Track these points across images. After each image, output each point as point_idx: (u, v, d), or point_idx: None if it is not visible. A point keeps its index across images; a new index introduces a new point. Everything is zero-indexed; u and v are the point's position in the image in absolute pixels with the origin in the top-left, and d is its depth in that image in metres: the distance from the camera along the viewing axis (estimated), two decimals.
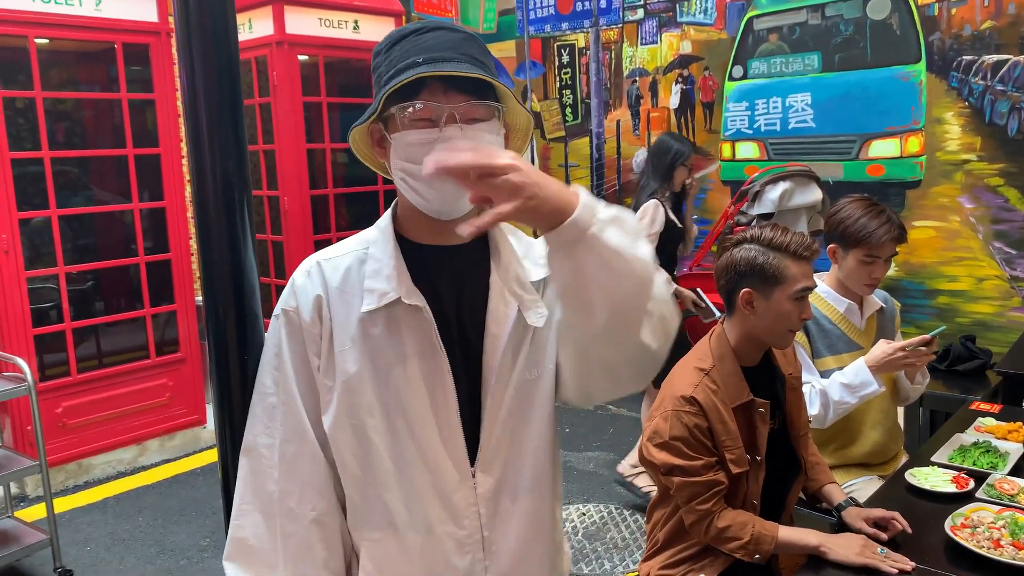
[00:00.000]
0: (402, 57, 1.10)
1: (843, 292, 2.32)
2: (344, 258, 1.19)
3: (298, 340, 1.16)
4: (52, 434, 3.89)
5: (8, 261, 3.74)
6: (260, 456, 1.18)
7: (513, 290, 1.19)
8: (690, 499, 1.73)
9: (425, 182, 1.09)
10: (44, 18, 3.76)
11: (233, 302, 1.25)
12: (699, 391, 1.75)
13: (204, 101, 1.23)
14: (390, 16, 5.26)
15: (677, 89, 5.52)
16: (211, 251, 1.26)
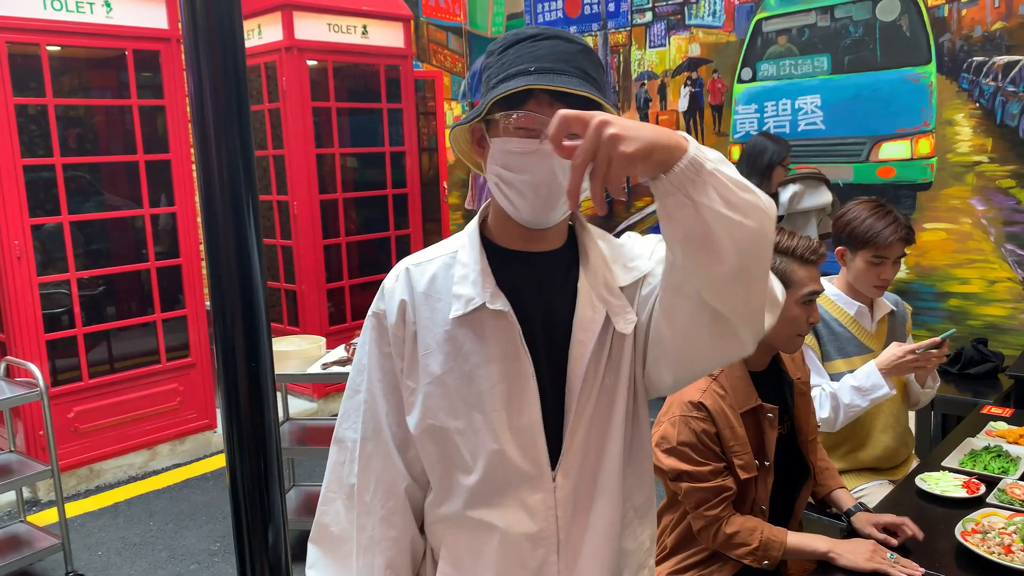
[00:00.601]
0: (514, 62, 1.09)
1: (853, 295, 2.31)
2: (432, 263, 1.21)
3: (384, 342, 1.21)
4: (64, 439, 3.91)
5: (21, 267, 3.77)
6: (345, 448, 1.26)
7: (602, 296, 1.18)
8: (698, 505, 1.73)
9: (518, 190, 1.10)
10: (56, 26, 3.79)
11: (240, 308, 1.25)
12: (707, 396, 1.75)
13: (211, 107, 1.23)
14: (398, 21, 5.27)
15: (686, 92, 5.51)
16: (218, 256, 1.26)
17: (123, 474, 4.21)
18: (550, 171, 1.08)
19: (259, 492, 1.31)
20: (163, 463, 4.35)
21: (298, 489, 3.61)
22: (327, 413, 4.98)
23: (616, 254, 1.23)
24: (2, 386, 3.20)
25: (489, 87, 1.12)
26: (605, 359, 1.18)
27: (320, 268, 5.05)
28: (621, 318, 1.17)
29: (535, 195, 1.09)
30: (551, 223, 1.15)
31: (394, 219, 5.44)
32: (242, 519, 1.30)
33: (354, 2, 5.06)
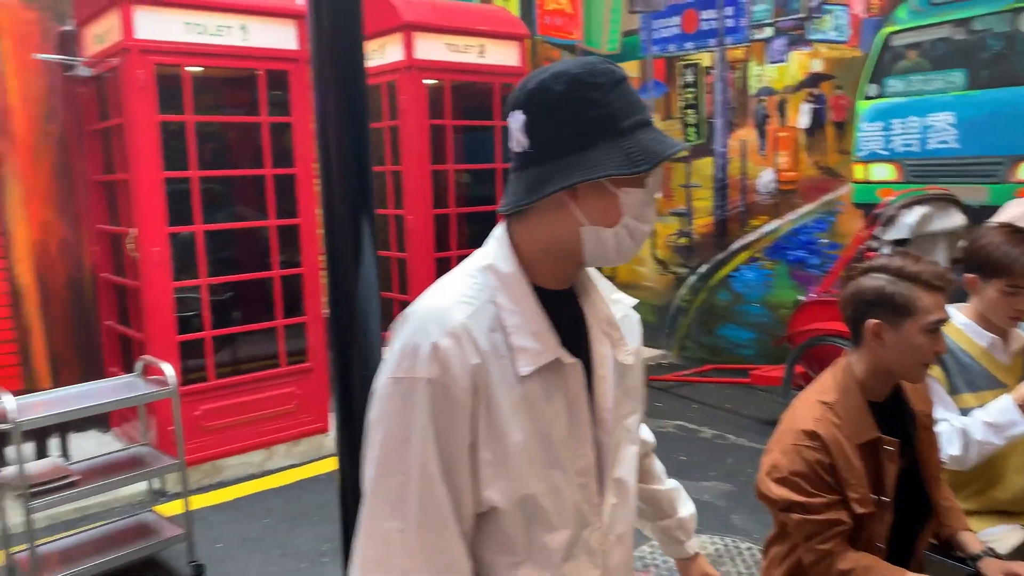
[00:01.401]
0: (631, 108, 1.05)
1: (985, 325, 2.17)
2: (480, 316, 1.06)
3: (445, 412, 1.02)
4: (191, 435, 4.16)
5: (160, 272, 4.04)
6: (388, 542, 1.04)
7: (605, 330, 1.18)
8: (809, 537, 1.66)
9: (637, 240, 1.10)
10: (197, 48, 4.06)
11: (355, 318, 1.30)
12: (821, 425, 1.68)
13: (333, 124, 1.29)
14: (515, 40, 5.36)
15: (807, 108, 5.35)
16: (337, 268, 1.32)
17: (242, 471, 4.43)
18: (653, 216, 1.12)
19: None
20: (279, 463, 4.54)
21: None
22: None
23: (603, 287, 1.24)
24: (139, 383, 3.44)
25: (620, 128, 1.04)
26: (621, 392, 1.19)
27: (432, 280, 5.14)
28: (622, 351, 1.19)
29: (642, 240, 1.11)
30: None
31: None
32: (351, 523, 1.35)
33: (472, 22, 5.18)
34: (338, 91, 1.21)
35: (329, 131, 1.24)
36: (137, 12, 3.88)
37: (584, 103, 1.04)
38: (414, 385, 1.02)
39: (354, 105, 1.24)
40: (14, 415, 2.87)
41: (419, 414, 1.02)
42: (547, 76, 1.06)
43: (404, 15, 4.83)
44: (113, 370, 4.75)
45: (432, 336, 1.03)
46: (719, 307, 5.95)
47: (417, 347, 1.03)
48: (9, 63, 4.46)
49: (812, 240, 5.39)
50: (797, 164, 5.43)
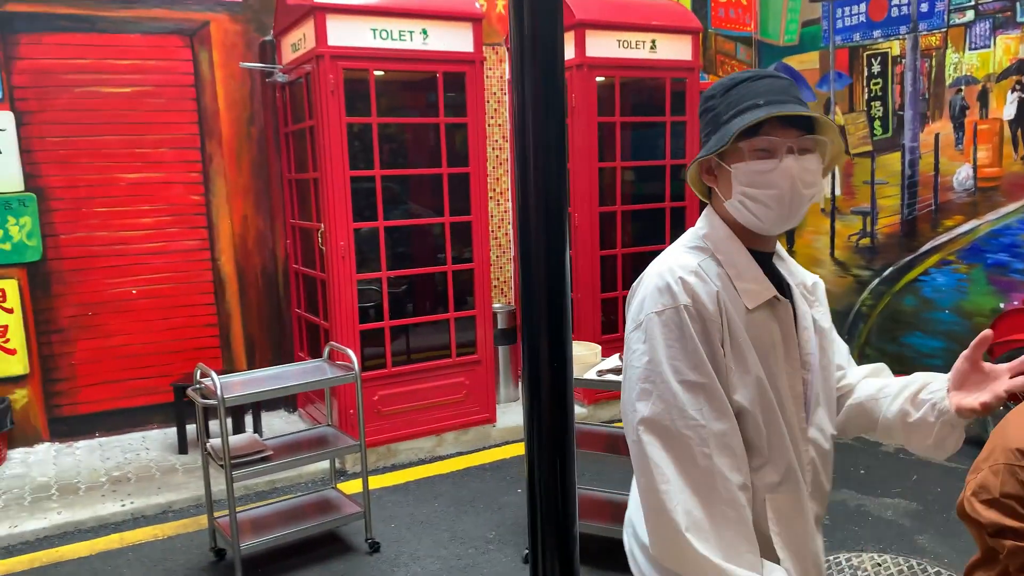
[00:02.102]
0: (740, 100, 1.31)
1: None
2: (708, 264, 1.37)
3: (702, 329, 1.30)
4: (368, 419, 4.40)
5: (344, 265, 4.31)
6: (682, 436, 1.27)
7: (803, 292, 1.46)
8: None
9: (764, 204, 1.32)
10: (382, 53, 4.29)
11: (548, 314, 1.33)
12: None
13: (532, 118, 1.31)
14: (688, 34, 5.25)
15: (1014, 98, 4.87)
16: (529, 265, 1.34)
17: (414, 456, 4.64)
18: (792, 183, 1.30)
19: (556, 489, 1.38)
20: (448, 450, 4.72)
21: None
22: (595, 419, 5.08)
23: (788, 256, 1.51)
24: (325, 367, 3.68)
25: (721, 122, 1.33)
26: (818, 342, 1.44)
27: (596, 278, 5.18)
28: (817, 309, 1.47)
29: (780, 206, 1.31)
30: (786, 229, 1.38)
31: (671, 231, 5.41)
32: (537, 514, 1.38)
33: (644, 17, 5.13)
34: (536, 87, 1.23)
35: (527, 126, 1.25)
36: (329, 21, 4.15)
37: (705, 111, 1.39)
38: (676, 312, 1.30)
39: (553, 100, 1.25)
40: (219, 392, 3.15)
41: (686, 330, 1.30)
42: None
43: (577, 13, 4.85)
44: (300, 355, 5.12)
45: (679, 274, 1.33)
46: (905, 313, 5.55)
47: (668, 285, 1.32)
48: (218, 71, 4.91)
49: (1017, 242, 4.90)
50: (1000, 159, 4.96)
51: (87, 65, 4.66)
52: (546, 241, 1.35)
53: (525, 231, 1.37)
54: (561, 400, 1.37)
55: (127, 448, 4.77)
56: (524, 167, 1.33)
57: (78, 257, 4.76)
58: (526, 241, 1.37)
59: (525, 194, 1.35)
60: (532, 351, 1.37)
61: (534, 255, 1.35)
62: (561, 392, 1.37)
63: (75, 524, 3.84)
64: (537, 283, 1.37)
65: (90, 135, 4.70)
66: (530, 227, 1.35)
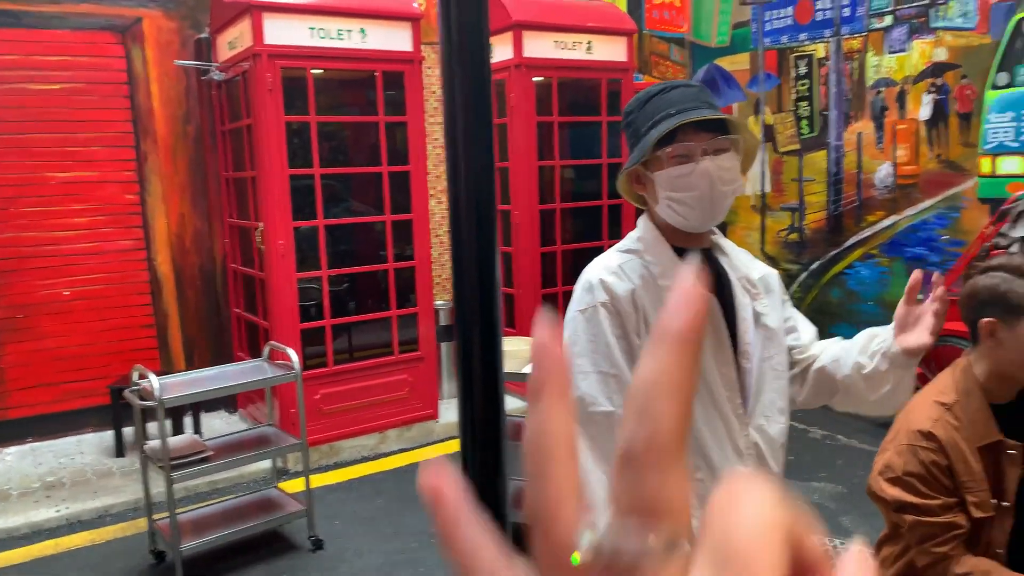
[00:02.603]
0: (655, 111, 1.41)
1: None
2: (632, 263, 1.48)
3: (619, 325, 1.43)
4: (310, 417, 4.39)
5: (284, 263, 4.30)
6: (595, 422, 1.41)
7: (745, 287, 1.51)
8: (924, 540, 1.65)
9: (688, 206, 1.42)
10: (320, 52, 4.29)
11: (479, 309, 1.39)
12: (938, 427, 1.66)
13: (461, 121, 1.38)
14: (622, 35, 5.37)
15: (929, 99, 5.12)
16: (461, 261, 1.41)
17: (357, 453, 4.66)
18: (710, 183, 1.39)
19: (488, 482, 1.45)
20: (391, 447, 4.75)
21: (510, 482, 3.80)
22: None
23: (743, 254, 1.58)
24: (265, 367, 3.68)
25: (640, 135, 1.43)
26: (759, 336, 1.50)
27: (536, 274, 5.26)
28: (759, 303, 1.51)
29: (702, 205, 1.41)
30: (713, 224, 1.47)
31: (608, 229, 5.54)
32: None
33: (580, 19, 5.23)
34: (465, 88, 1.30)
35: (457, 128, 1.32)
36: (266, 19, 4.13)
37: (627, 125, 1.48)
38: (595, 309, 1.43)
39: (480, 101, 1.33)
40: (158, 393, 3.14)
41: (603, 328, 1.42)
42: None
43: (514, 14, 4.93)
44: (240, 355, 5.08)
45: (600, 275, 1.46)
46: (831, 305, 5.79)
47: (591, 285, 1.46)
48: (152, 69, 4.83)
49: (933, 237, 5.17)
50: (917, 158, 5.22)
51: (14, 61, 4.54)
52: (476, 238, 1.42)
53: (456, 229, 1.44)
54: (493, 393, 1.45)
55: (61, 453, 4.67)
56: (455, 167, 1.40)
57: (8, 258, 4.63)
58: (457, 238, 1.44)
59: (456, 193, 1.42)
60: (464, 346, 1.44)
61: (465, 252, 1.43)
62: (493, 386, 1.44)
63: (7, 531, 3.76)
64: (468, 279, 1.44)
65: (18, 133, 4.58)
66: (461, 225, 1.43)
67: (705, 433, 1.44)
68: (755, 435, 1.48)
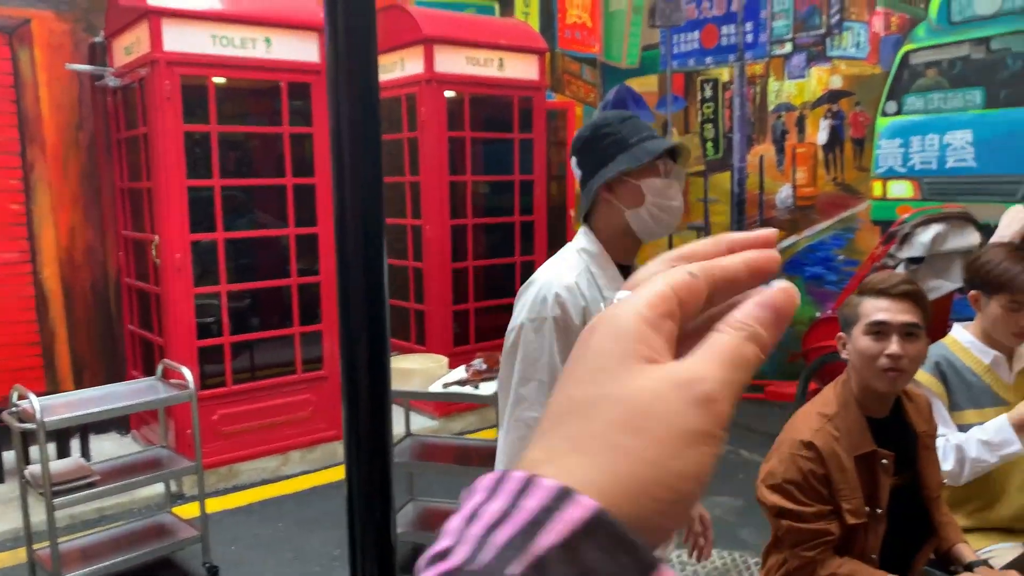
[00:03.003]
0: (639, 129, 1.56)
1: (989, 343, 2.18)
2: (582, 277, 1.55)
3: (566, 339, 1.49)
4: (208, 439, 4.23)
5: (180, 278, 4.13)
6: (530, 426, 1.48)
7: None
8: (795, 544, 1.69)
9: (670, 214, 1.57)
10: (223, 60, 4.16)
11: (367, 327, 1.35)
12: (818, 436, 1.71)
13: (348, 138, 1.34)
14: (534, 54, 5.42)
15: (826, 124, 5.35)
16: (348, 276, 1.37)
17: (257, 476, 4.49)
18: (681, 199, 1.61)
19: (373, 500, 1.40)
20: (294, 469, 4.60)
21: (416, 503, 3.73)
22: (447, 431, 5.11)
23: None
24: (158, 386, 3.52)
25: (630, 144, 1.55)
26: None
27: (448, 290, 5.23)
28: None
29: (674, 216, 1.59)
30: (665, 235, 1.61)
31: (520, 245, 5.56)
32: (355, 525, 1.39)
33: (492, 36, 5.25)
34: (352, 104, 1.27)
35: (343, 145, 1.29)
36: (165, 25, 3.99)
37: (602, 136, 1.58)
38: (544, 322, 1.49)
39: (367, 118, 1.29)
40: (39, 415, 2.95)
41: (548, 340, 1.48)
42: (580, 129, 1.64)
43: (425, 29, 4.91)
44: (135, 374, 4.85)
45: (554, 289, 1.51)
46: None
47: (545, 298, 1.50)
48: (41, 73, 4.60)
49: (830, 256, 5.38)
50: (815, 180, 5.44)
51: None
52: (363, 256, 1.38)
53: (342, 247, 1.39)
54: (380, 411, 1.40)
55: None
56: (341, 184, 1.35)
57: None
58: (343, 258, 1.39)
59: (342, 210, 1.38)
60: (350, 364, 1.39)
61: (352, 269, 1.38)
62: (380, 407, 1.40)
63: None
64: (355, 296, 1.39)
65: None
66: (347, 242, 1.38)
67: None
68: None
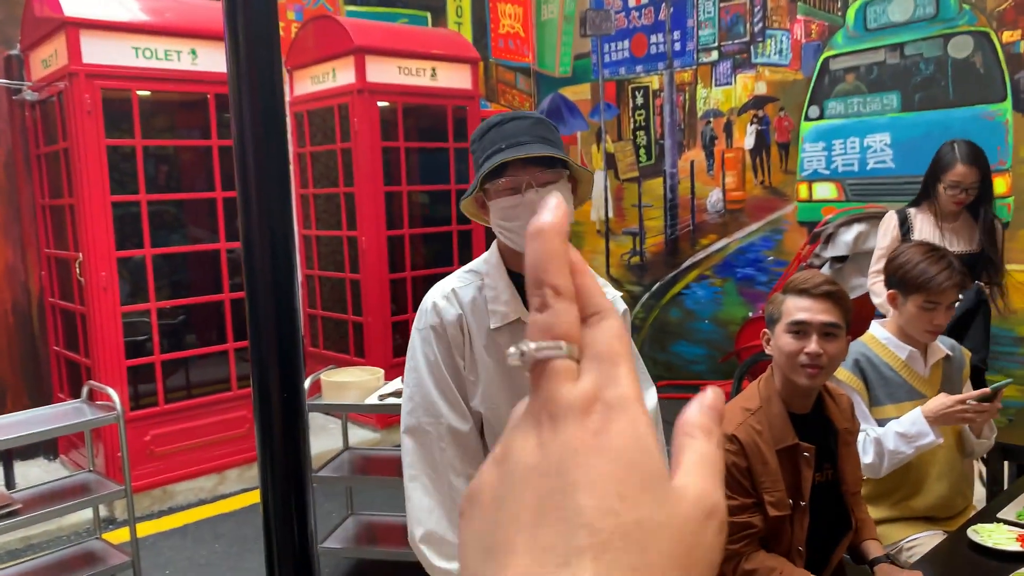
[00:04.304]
0: (490, 144, 1.51)
1: (904, 339, 2.26)
2: (469, 287, 1.58)
3: (446, 347, 1.56)
4: (140, 461, 4.11)
5: (106, 297, 4.01)
6: (426, 432, 1.55)
7: None
8: None
9: (517, 233, 1.51)
10: (147, 72, 4.07)
11: (276, 342, 1.34)
12: (741, 430, 1.75)
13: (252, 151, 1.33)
14: (466, 63, 5.44)
15: (752, 130, 5.49)
16: (256, 292, 1.35)
17: (194, 496, 4.38)
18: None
19: (288, 521, 1.38)
20: (231, 487, 4.50)
21: (356, 517, 3.68)
22: (389, 443, 5.07)
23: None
24: (84, 408, 3.41)
25: (478, 166, 1.53)
26: None
27: (386, 301, 5.19)
28: None
29: (519, 236, 1.50)
30: None
31: (459, 254, 5.55)
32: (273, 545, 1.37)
33: (424, 46, 5.25)
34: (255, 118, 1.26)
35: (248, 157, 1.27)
36: (84, 37, 3.88)
37: (472, 154, 1.58)
38: (428, 331, 1.56)
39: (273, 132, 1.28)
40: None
41: (428, 347, 1.55)
42: None
43: (356, 39, 4.88)
44: (61, 396, 4.69)
45: (434, 299, 1.58)
46: (671, 324, 6.05)
47: (426, 308, 1.58)
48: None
49: (759, 258, 5.52)
50: (744, 184, 5.57)
51: None
52: (272, 271, 1.37)
53: (250, 261, 1.38)
54: (293, 430, 1.39)
55: None
56: (246, 202, 1.34)
57: None
58: (251, 272, 1.38)
59: (249, 225, 1.36)
60: (262, 387, 1.37)
61: (260, 285, 1.36)
62: (293, 422, 1.38)
63: None
64: (264, 316, 1.38)
65: None
66: (255, 257, 1.36)
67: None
68: None
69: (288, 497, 1.34)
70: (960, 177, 3.16)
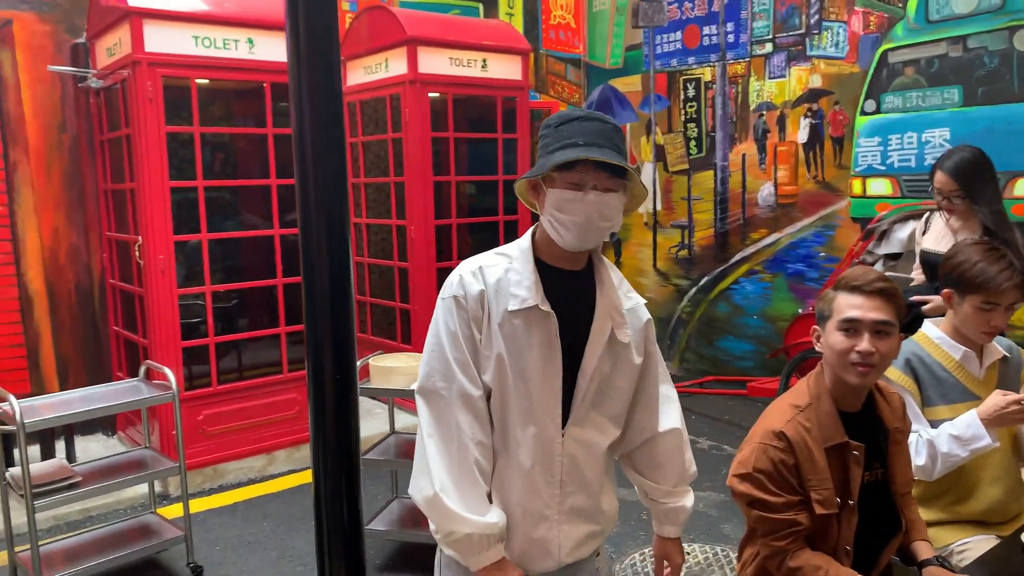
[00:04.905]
0: (568, 135, 1.55)
1: (959, 339, 2.21)
2: (496, 268, 1.63)
3: (465, 319, 1.60)
4: (193, 439, 4.23)
5: (164, 279, 4.13)
6: (439, 395, 1.61)
7: (611, 313, 1.66)
8: (766, 534, 1.72)
9: (566, 227, 1.56)
10: (205, 61, 4.16)
11: (331, 326, 1.37)
12: (790, 427, 1.74)
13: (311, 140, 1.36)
14: (517, 55, 5.44)
15: (806, 123, 5.40)
16: (313, 277, 1.38)
17: (243, 476, 4.50)
18: (588, 215, 1.55)
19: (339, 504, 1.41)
20: (280, 468, 4.61)
21: (401, 501, 3.75)
22: None
23: (619, 282, 1.72)
24: (141, 387, 3.52)
25: (548, 151, 1.57)
26: (611, 360, 1.66)
27: (433, 289, 5.24)
28: (621, 331, 1.67)
29: (577, 230, 1.56)
30: (583, 249, 1.62)
31: (504, 243, 5.56)
32: (323, 524, 1.41)
33: (476, 37, 5.27)
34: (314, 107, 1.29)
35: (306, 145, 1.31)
36: (147, 26, 3.99)
37: (540, 138, 1.62)
38: (453, 300, 1.61)
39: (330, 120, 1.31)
40: (19, 417, 2.95)
41: (450, 317, 1.61)
42: None
43: (408, 30, 4.92)
44: (120, 375, 4.84)
45: (461, 272, 1.64)
46: (719, 319, 6.00)
47: (454, 280, 1.64)
48: (24, 74, 4.59)
49: (811, 253, 5.43)
50: (796, 178, 5.49)
51: None
52: (328, 257, 1.40)
53: (307, 248, 1.41)
54: (346, 413, 1.42)
55: None
56: (304, 186, 1.37)
57: None
58: (308, 259, 1.41)
59: (306, 212, 1.39)
60: (316, 366, 1.40)
61: (316, 271, 1.40)
62: (346, 404, 1.41)
63: None
64: (320, 301, 1.41)
65: None
66: (311, 244, 1.39)
67: (517, 431, 1.62)
68: (572, 443, 1.65)
69: (339, 477, 1.38)
70: (939, 184, 3.06)
